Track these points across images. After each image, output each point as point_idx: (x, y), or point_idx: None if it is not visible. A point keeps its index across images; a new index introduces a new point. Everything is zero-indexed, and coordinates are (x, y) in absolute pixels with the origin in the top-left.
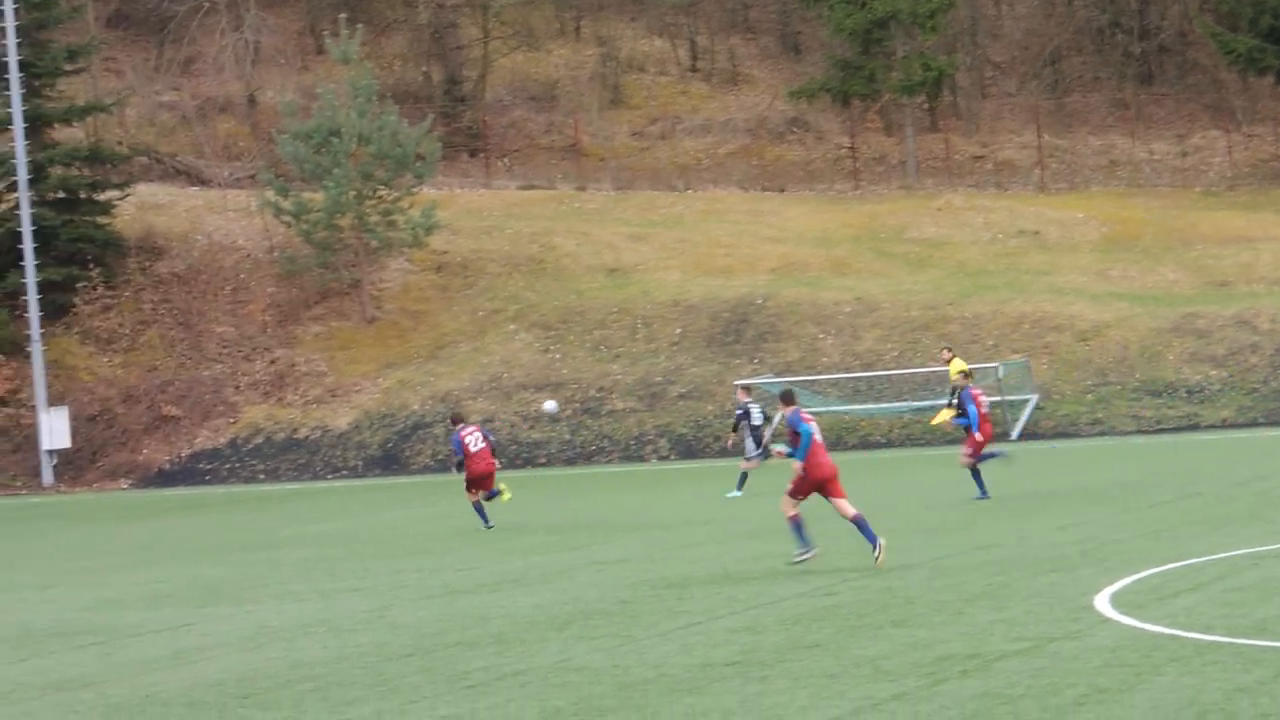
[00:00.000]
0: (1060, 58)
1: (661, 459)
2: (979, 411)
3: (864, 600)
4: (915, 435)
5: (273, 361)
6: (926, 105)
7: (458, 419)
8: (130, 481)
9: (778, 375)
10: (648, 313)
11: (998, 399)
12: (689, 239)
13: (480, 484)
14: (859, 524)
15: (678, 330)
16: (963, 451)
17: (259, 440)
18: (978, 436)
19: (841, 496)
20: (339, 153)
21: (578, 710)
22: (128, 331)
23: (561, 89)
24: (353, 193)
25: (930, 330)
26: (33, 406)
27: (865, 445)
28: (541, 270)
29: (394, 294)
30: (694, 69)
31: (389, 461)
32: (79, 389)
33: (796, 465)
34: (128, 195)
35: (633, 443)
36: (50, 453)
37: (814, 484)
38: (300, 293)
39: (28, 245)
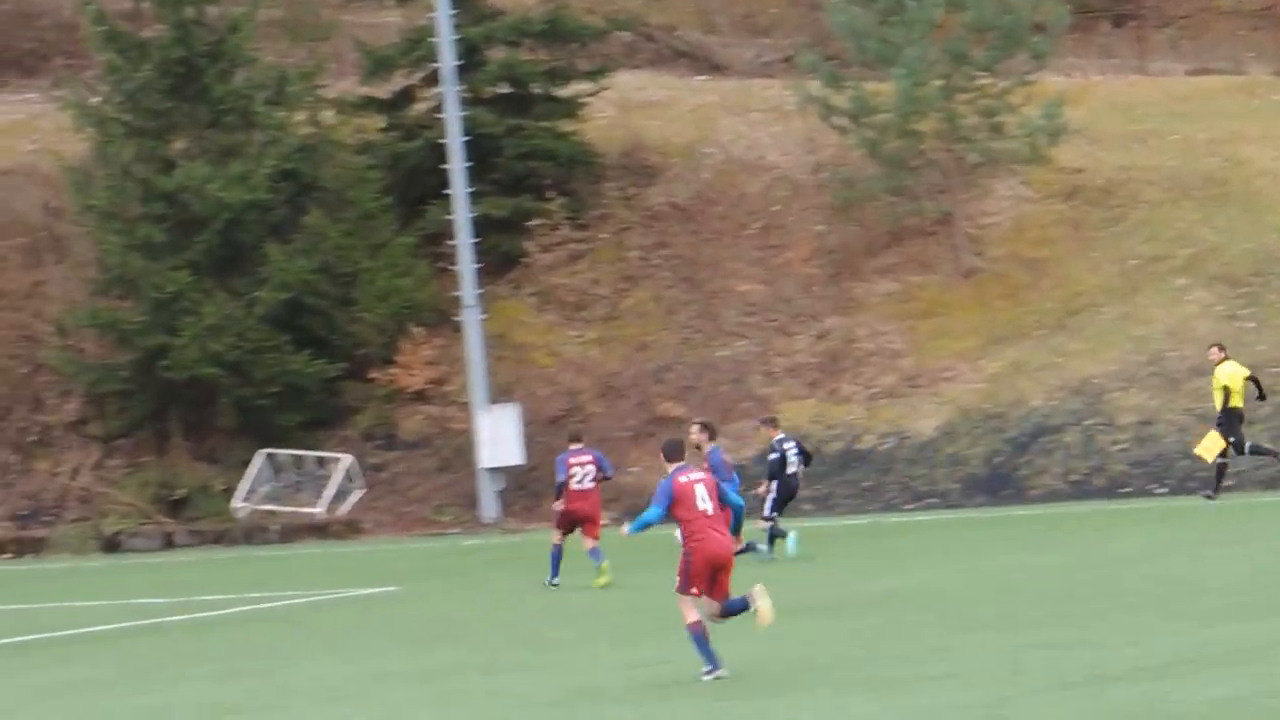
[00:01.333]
0: None
1: None
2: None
3: None
4: None
5: (821, 335)
6: None
7: (575, 439)
8: (613, 513)
9: None
10: None
11: None
12: None
13: (574, 524)
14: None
15: None
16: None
17: None
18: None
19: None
20: (918, 23)
21: None
22: (606, 293)
23: None
24: (939, 83)
25: None
26: (466, 404)
27: None
28: (1224, 197)
29: (1002, 233)
30: None
31: (997, 483)
32: (534, 378)
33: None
34: (603, 89)
35: None
36: (492, 472)
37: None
38: (862, 232)
39: (456, 165)
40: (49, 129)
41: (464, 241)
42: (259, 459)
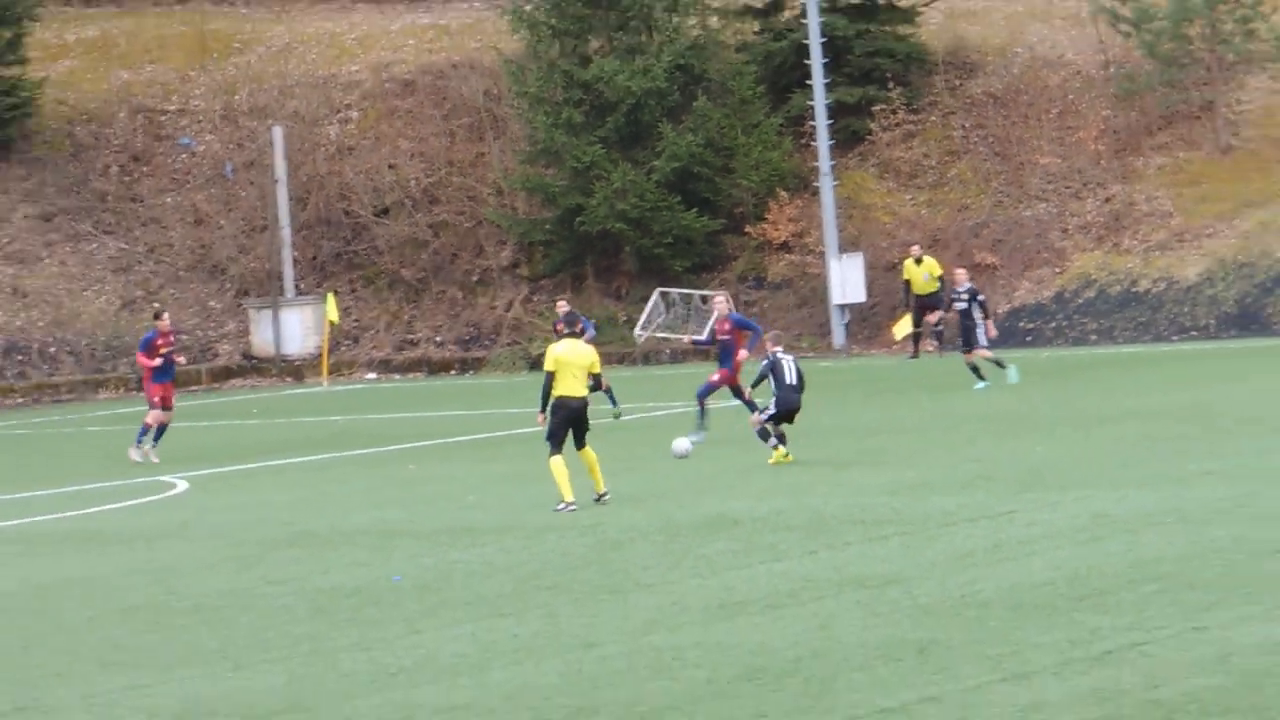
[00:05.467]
0: None
1: None
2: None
3: None
4: None
5: (1107, 199)
6: None
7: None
8: (941, 345)
9: None
10: None
11: None
12: None
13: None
14: None
15: None
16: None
17: (1090, 294)
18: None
19: None
20: None
21: None
22: (933, 164)
23: None
24: None
25: None
26: (821, 253)
27: None
28: None
29: (1254, 118)
30: None
31: (1247, 320)
32: (875, 232)
33: None
34: (934, 1)
35: None
36: (841, 308)
37: None
38: (1140, 117)
39: (816, 62)
40: (490, 30)
41: (821, 122)
42: (655, 296)
